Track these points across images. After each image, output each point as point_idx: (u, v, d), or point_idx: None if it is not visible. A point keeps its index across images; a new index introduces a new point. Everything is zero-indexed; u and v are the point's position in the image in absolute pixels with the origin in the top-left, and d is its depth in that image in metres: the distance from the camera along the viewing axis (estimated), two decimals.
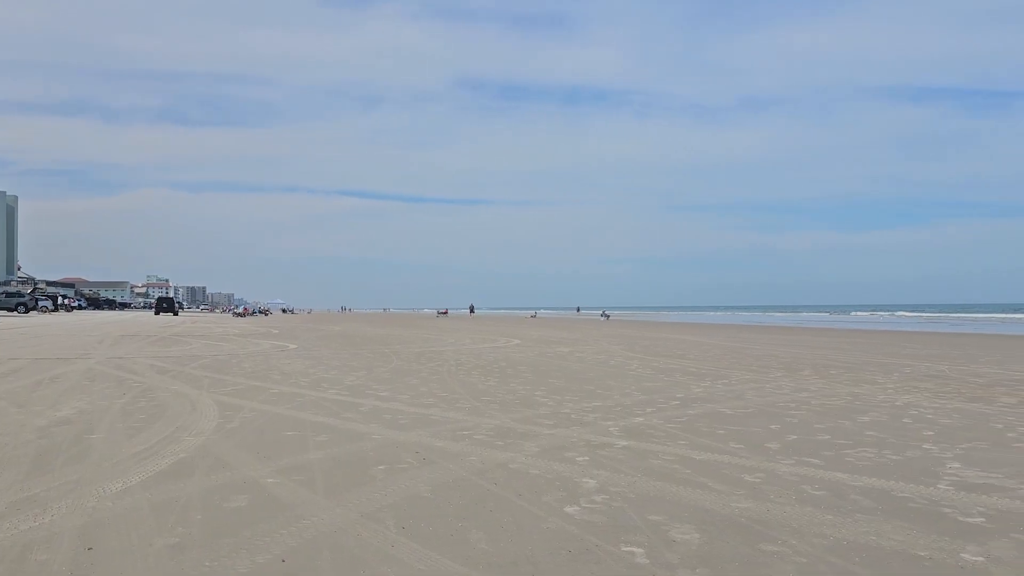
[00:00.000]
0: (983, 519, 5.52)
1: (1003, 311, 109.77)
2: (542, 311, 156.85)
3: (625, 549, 4.81)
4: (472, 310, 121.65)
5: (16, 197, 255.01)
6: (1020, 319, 78.94)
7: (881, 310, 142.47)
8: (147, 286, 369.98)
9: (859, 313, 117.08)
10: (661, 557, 4.67)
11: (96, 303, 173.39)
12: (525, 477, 6.77)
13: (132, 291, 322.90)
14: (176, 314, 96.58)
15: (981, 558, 4.68)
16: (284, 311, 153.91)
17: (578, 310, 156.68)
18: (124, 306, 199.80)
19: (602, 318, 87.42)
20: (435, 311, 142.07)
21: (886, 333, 44.52)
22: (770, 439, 8.69)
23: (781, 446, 8.29)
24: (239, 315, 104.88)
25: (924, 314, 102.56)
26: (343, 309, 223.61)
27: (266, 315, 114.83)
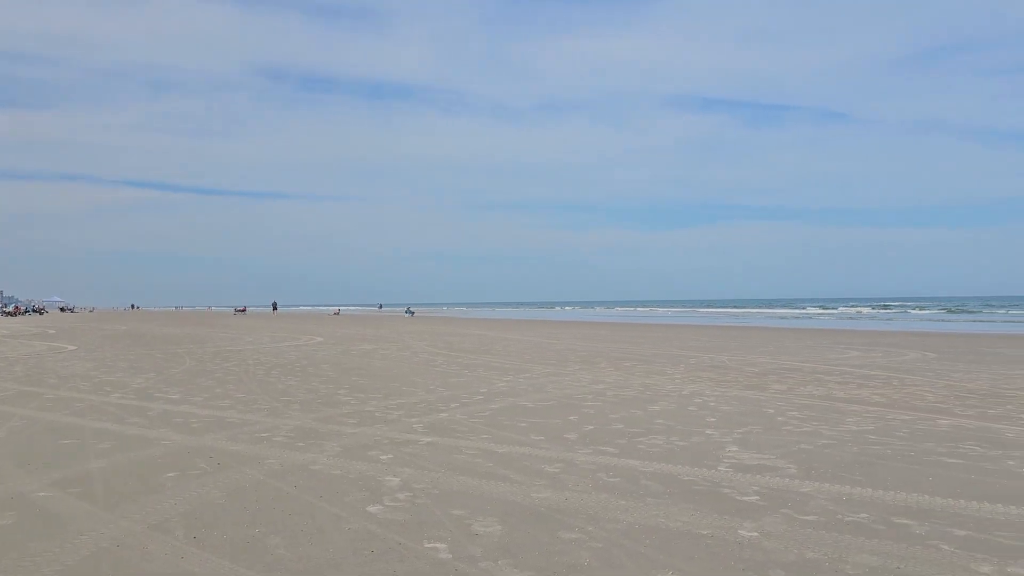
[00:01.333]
0: (757, 497, 6.00)
1: (782, 306, 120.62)
2: (346, 308, 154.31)
3: (428, 545, 4.80)
4: (275, 307, 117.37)
5: None
6: (793, 314, 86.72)
7: (677, 305, 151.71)
8: None
9: (657, 308, 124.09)
10: (464, 551, 4.71)
11: None
12: (327, 478, 6.61)
13: None
14: None
15: (755, 533, 5.07)
16: (63, 309, 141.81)
17: (380, 307, 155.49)
18: None
19: (407, 315, 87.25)
20: (232, 309, 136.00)
21: (677, 327, 47.47)
22: (569, 430, 9.01)
23: (579, 436, 8.61)
24: (8, 314, 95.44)
25: (713, 309, 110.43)
26: (132, 307, 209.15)
27: (41, 314, 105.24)
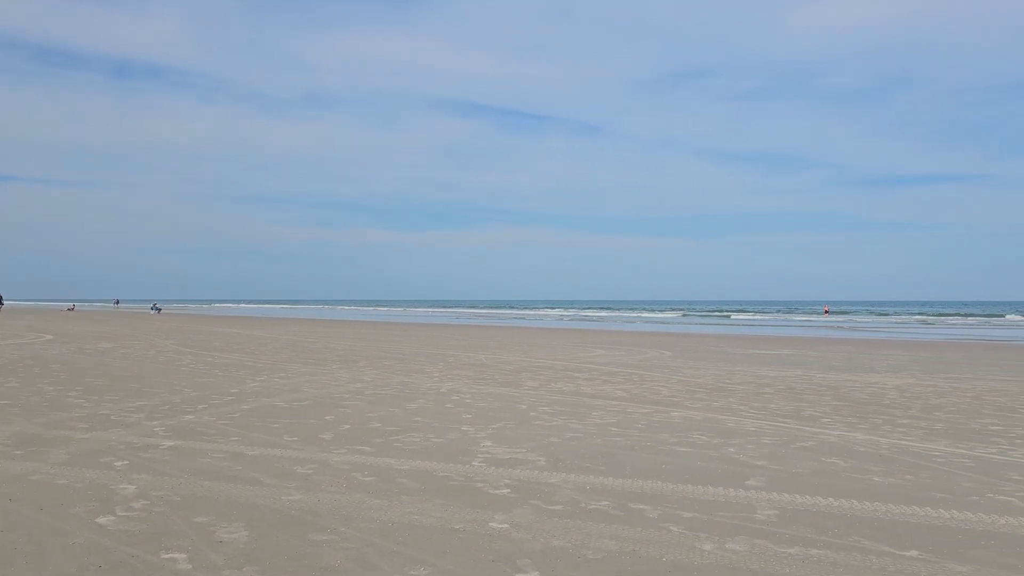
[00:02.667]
0: (509, 490, 6.18)
1: (539, 307, 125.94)
2: (81, 303, 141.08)
3: (166, 556, 4.48)
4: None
5: None
6: (548, 315, 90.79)
7: (437, 305, 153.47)
8: None
9: (417, 308, 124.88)
10: (205, 559, 4.44)
11: None
12: (50, 488, 5.98)
13: None
14: None
15: (506, 525, 5.22)
16: None
17: (117, 303, 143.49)
18: None
19: (153, 311, 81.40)
20: None
21: (437, 326, 48.04)
22: (324, 430, 8.80)
23: (335, 436, 8.44)
24: None
25: (473, 310, 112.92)
26: None
27: None
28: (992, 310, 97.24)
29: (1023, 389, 13.95)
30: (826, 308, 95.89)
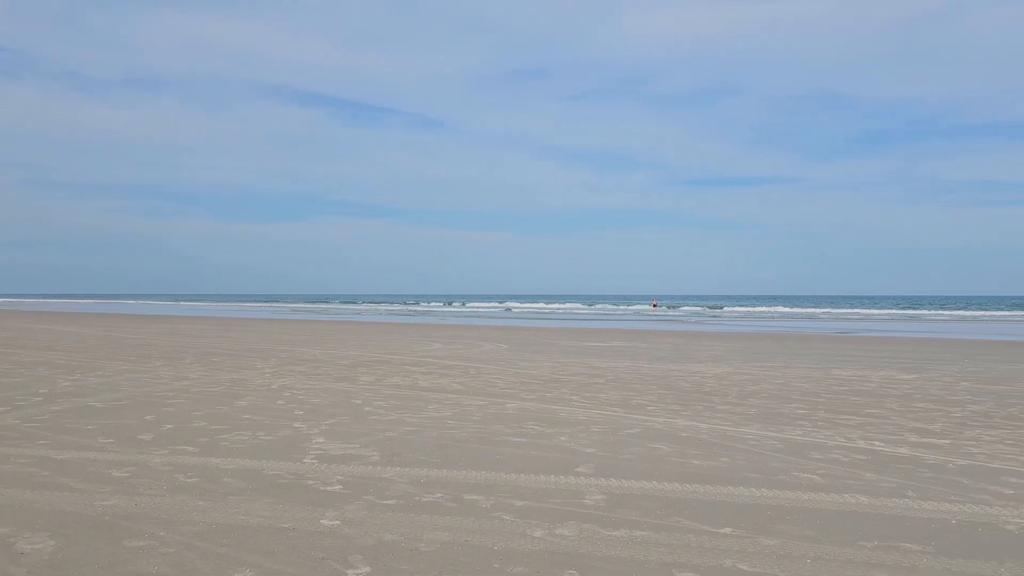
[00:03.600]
0: (341, 486, 6.07)
1: (378, 302, 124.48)
2: None
3: None
4: None
5: None
6: (388, 309, 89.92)
7: (273, 300, 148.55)
8: None
9: (252, 303, 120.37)
10: (4, 573, 4.09)
11: None
12: None
13: None
14: None
15: (337, 522, 5.13)
16: None
17: None
18: None
19: None
20: None
21: (272, 321, 46.48)
22: (144, 430, 8.33)
23: (156, 436, 8.00)
24: None
25: (311, 304, 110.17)
26: None
27: None
28: (807, 304, 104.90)
29: (826, 376, 15.15)
30: (654, 302, 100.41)
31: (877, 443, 8.17)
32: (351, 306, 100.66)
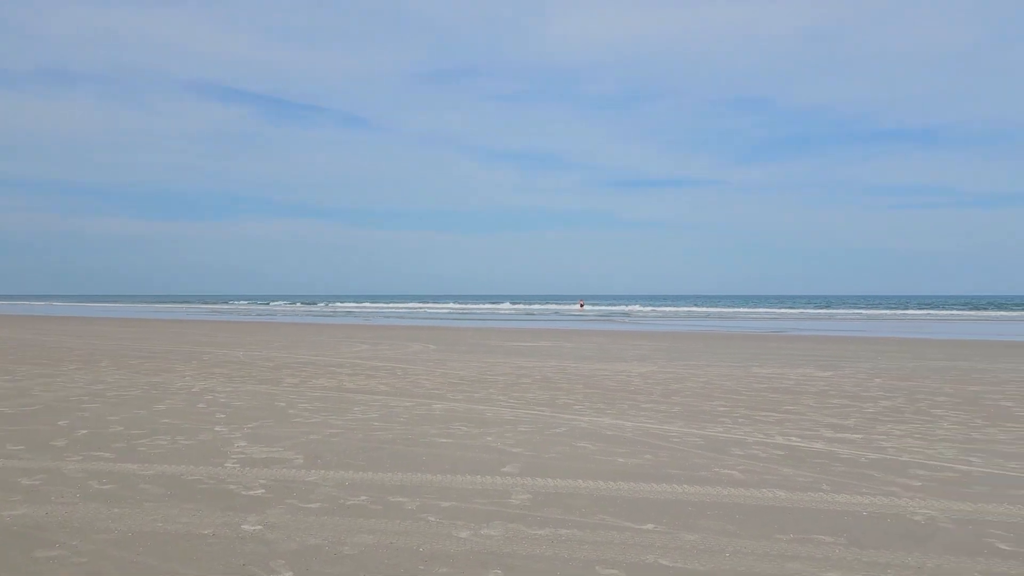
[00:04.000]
0: (264, 490, 5.97)
1: (302, 302, 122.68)
2: None
3: None
4: None
5: None
6: (314, 310, 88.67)
7: (194, 301, 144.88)
8: None
9: (174, 304, 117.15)
10: None
11: None
12: None
13: None
14: None
15: (259, 527, 5.04)
16: None
17: None
18: None
19: None
20: None
21: (194, 323, 45.33)
22: (57, 436, 8.04)
23: (69, 442, 7.73)
24: None
25: (236, 305, 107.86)
26: None
27: None
28: (731, 303, 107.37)
29: (747, 374, 15.54)
30: (581, 302, 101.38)
31: (794, 439, 8.42)
32: (277, 307, 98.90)
